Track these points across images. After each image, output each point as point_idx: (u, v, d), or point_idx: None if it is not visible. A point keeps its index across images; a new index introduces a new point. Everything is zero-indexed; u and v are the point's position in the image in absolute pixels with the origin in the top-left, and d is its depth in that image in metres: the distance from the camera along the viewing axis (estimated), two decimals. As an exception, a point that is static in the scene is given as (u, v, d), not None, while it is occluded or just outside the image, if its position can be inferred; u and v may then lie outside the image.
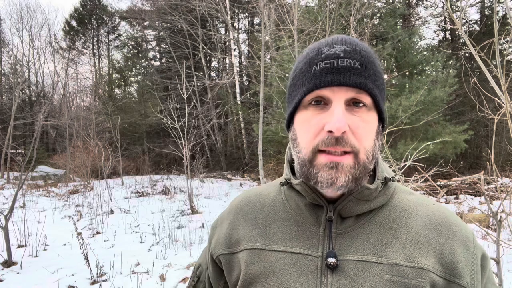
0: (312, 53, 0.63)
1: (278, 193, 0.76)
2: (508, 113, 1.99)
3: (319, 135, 0.60)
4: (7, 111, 17.98)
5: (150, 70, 21.55)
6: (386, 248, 0.63)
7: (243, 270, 0.69)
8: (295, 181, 0.68)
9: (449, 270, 0.62)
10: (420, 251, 0.63)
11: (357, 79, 0.58)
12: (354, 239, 0.65)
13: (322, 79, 0.59)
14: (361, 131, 0.60)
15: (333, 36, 0.65)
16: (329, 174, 0.59)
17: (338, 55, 0.60)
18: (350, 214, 0.66)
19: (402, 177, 3.23)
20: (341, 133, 0.57)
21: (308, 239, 0.67)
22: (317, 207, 0.68)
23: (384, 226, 0.66)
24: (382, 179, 0.67)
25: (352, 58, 0.59)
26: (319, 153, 0.60)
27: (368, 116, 0.61)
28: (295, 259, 0.66)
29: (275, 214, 0.73)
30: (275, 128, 10.89)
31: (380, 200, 0.67)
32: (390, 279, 0.61)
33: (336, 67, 0.59)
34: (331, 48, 0.61)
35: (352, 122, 0.59)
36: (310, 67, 0.61)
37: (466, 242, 0.65)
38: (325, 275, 0.63)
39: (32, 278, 4.14)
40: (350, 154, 0.59)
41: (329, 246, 0.65)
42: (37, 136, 7.05)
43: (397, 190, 0.72)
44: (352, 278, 0.62)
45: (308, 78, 0.61)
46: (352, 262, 0.63)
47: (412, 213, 0.68)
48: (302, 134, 0.63)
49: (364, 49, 0.62)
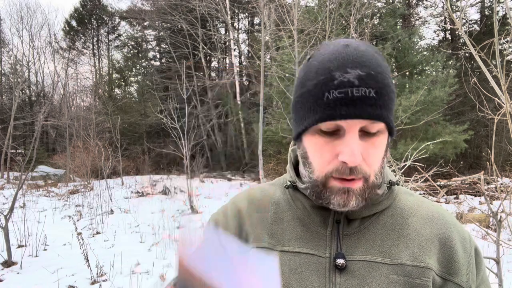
0: (322, 75, 0.59)
1: (283, 193, 0.77)
2: (508, 113, 1.99)
3: (332, 162, 0.60)
4: (7, 111, 17.98)
5: (150, 70, 21.56)
6: (391, 249, 0.65)
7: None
8: (301, 185, 0.70)
9: (446, 268, 0.65)
10: (424, 251, 0.65)
11: (373, 111, 0.56)
12: (360, 240, 0.67)
13: (336, 112, 0.57)
14: (372, 157, 0.60)
15: (343, 51, 0.59)
16: (342, 198, 0.61)
17: (352, 83, 0.56)
18: (357, 216, 0.68)
19: (402, 177, 3.23)
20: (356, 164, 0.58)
21: (315, 240, 0.68)
22: (324, 209, 0.69)
23: (388, 227, 0.68)
24: (387, 183, 0.69)
25: (367, 86, 0.56)
26: (332, 178, 0.61)
27: (380, 140, 0.61)
28: (304, 260, 0.67)
29: (281, 214, 0.73)
30: (275, 128, 10.90)
31: (386, 203, 0.69)
32: (396, 278, 0.63)
33: (351, 98, 0.56)
34: (344, 73, 0.57)
35: (364, 150, 0.59)
36: (322, 93, 0.58)
37: (464, 242, 0.67)
38: (333, 275, 0.64)
39: (32, 278, 4.14)
40: (361, 180, 0.60)
41: (337, 247, 0.66)
42: (37, 136, 7.06)
43: (399, 191, 0.74)
44: (360, 278, 0.63)
45: (321, 106, 0.58)
46: (359, 263, 0.64)
47: (413, 214, 0.70)
48: (315, 158, 0.63)
49: (379, 71, 0.58)
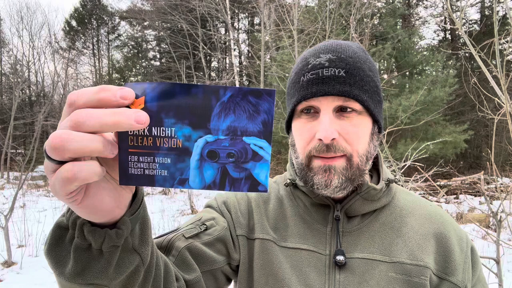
0: (300, 63, 0.65)
1: (284, 190, 0.78)
2: (508, 113, 1.99)
3: (311, 142, 0.63)
4: (7, 111, 17.98)
5: (150, 70, 21.54)
6: (390, 247, 0.66)
7: (256, 260, 0.70)
8: (301, 182, 0.71)
9: (442, 268, 0.66)
10: (422, 249, 0.66)
11: (342, 88, 0.60)
12: (359, 238, 0.67)
13: (308, 90, 0.61)
14: (351, 135, 0.62)
15: (321, 43, 0.66)
16: (323, 177, 0.62)
17: (323, 65, 0.61)
18: (356, 213, 0.69)
19: (402, 177, 3.23)
20: (331, 140, 0.60)
21: (315, 237, 0.69)
22: (324, 206, 0.70)
23: (387, 226, 0.69)
24: (386, 180, 0.70)
25: (336, 67, 0.60)
26: (313, 158, 0.63)
27: (359, 120, 0.62)
28: (304, 256, 0.68)
29: (284, 210, 0.74)
30: (275, 128, 10.90)
31: (384, 201, 0.70)
32: (394, 276, 0.64)
33: (321, 77, 0.60)
34: (316, 58, 0.63)
35: (342, 127, 0.61)
36: (299, 78, 0.64)
37: (460, 241, 0.69)
38: (333, 272, 0.65)
39: (32, 278, 4.14)
40: (343, 157, 0.62)
41: (337, 244, 0.67)
42: (37, 136, 7.06)
43: (397, 190, 0.75)
44: (359, 276, 0.64)
45: (297, 89, 0.63)
46: (358, 260, 0.65)
47: (411, 213, 0.71)
48: (298, 141, 0.66)
49: (351, 56, 0.62)
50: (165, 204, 8.77)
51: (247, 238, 0.73)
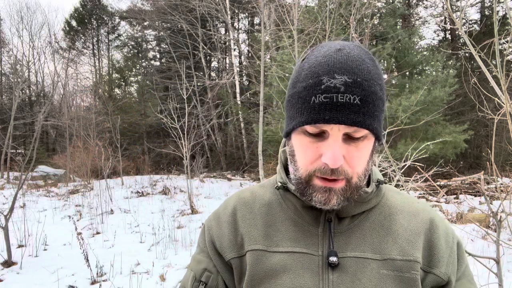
0: (311, 79, 0.60)
1: (273, 194, 0.77)
2: (508, 113, 1.99)
3: (315, 162, 0.62)
4: (7, 111, 17.98)
5: (150, 70, 21.53)
6: (381, 245, 0.68)
7: (248, 272, 0.70)
8: (292, 186, 0.71)
9: (427, 261, 0.68)
10: (412, 245, 0.68)
11: (356, 118, 0.58)
12: (350, 238, 0.69)
13: (320, 115, 0.58)
14: (355, 160, 0.62)
15: (334, 56, 0.61)
16: (323, 196, 0.63)
17: (338, 89, 0.58)
18: (347, 214, 0.70)
19: (402, 177, 3.23)
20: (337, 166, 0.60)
21: (307, 239, 0.69)
22: (315, 208, 0.70)
23: (377, 224, 0.70)
24: (376, 181, 0.72)
25: (352, 93, 0.58)
26: (315, 177, 0.64)
27: (364, 144, 0.62)
28: (297, 259, 0.68)
29: (273, 215, 0.74)
30: (275, 128, 10.90)
31: (374, 201, 0.72)
32: (386, 273, 0.65)
33: (336, 103, 0.57)
34: (331, 78, 0.58)
35: (348, 152, 0.61)
36: (309, 97, 0.60)
37: (446, 236, 0.71)
38: (326, 272, 0.66)
39: (32, 278, 4.14)
40: (343, 180, 0.62)
41: (330, 245, 0.67)
42: (37, 136, 7.05)
43: (386, 190, 0.77)
44: (351, 274, 0.65)
45: (307, 110, 0.60)
46: (350, 259, 0.66)
47: (400, 211, 0.73)
48: (300, 156, 0.65)
49: (366, 78, 0.59)
50: (165, 204, 8.76)
51: (238, 257, 0.72)
